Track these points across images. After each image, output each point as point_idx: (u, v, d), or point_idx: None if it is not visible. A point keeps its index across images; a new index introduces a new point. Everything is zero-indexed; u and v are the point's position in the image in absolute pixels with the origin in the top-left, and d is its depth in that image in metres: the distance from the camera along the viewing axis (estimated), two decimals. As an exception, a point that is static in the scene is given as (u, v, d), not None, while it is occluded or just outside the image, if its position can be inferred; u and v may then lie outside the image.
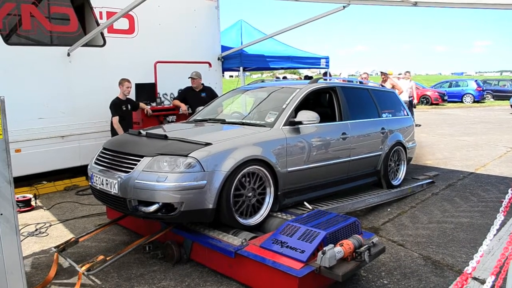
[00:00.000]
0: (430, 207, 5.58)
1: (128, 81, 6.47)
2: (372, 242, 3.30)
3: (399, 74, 12.32)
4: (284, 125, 4.44)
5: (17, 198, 5.39)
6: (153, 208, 3.53)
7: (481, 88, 26.55)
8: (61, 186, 6.76)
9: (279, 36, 10.21)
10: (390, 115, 6.13)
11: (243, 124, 4.71)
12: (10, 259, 2.47)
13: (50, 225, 5.02)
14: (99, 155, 4.31)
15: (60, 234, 4.75)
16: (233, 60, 9.59)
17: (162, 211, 3.56)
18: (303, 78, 15.86)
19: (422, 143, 10.32)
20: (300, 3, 9.26)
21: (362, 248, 3.13)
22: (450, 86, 27.57)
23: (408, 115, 6.69)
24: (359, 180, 5.50)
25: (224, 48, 9.36)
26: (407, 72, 12.38)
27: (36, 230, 4.85)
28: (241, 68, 10.04)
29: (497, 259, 2.04)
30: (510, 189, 2.47)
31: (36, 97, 6.40)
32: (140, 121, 7.03)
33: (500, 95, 27.77)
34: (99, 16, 7.15)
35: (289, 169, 4.31)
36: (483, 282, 3.36)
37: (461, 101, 26.18)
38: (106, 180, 3.85)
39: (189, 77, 7.22)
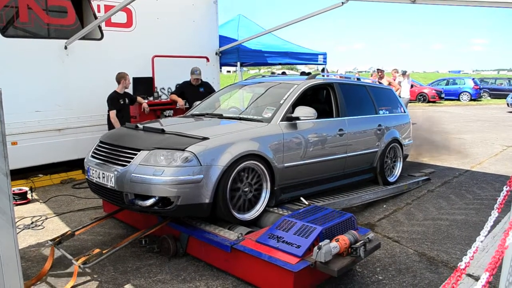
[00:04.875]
0: (426, 204, 5.61)
1: (127, 75, 6.48)
2: (368, 238, 3.32)
3: (403, 72, 12.21)
4: (282, 120, 4.44)
5: (13, 191, 5.37)
6: (149, 202, 3.54)
7: (478, 87, 26.62)
8: (57, 179, 6.74)
9: (277, 32, 10.21)
10: (387, 112, 6.15)
11: (240, 119, 4.70)
12: (6, 252, 2.47)
13: (46, 218, 5.02)
14: (95, 149, 4.30)
15: (56, 227, 4.75)
16: (231, 55, 9.56)
17: (159, 205, 3.57)
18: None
19: (419, 140, 10.34)
20: (299, -1, 9.24)
21: (358, 244, 3.15)
22: (447, 84, 27.61)
23: (405, 112, 6.70)
24: (356, 176, 5.52)
25: (222, 43, 9.33)
26: (394, 69, 12.39)
27: (32, 223, 4.84)
28: (238, 63, 10.02)
29: (492, 256, 2.05)
30: (505, 186, 2.49)
31: (33, 90, 6.37)
32: (137, 115, 7.02)
33: (497, 93, 27.88)
34: (97, 9, 7.12)
35: (285, 165, 4.32)
36: (477, 278, 3.39)
37: (458, 99, 26.25)
38: (103, 173, 3.84)
39: (195, 77, 7.16)
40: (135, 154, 3.73)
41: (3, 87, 2.63)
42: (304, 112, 4.45)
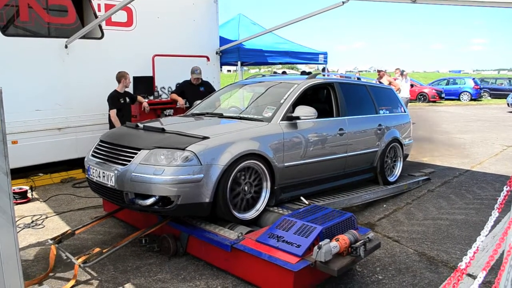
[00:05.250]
0: (426, 204, 5.61)
1: (128, 74, 6.48)
2: (368, 237, 3.32)
3: (401, 72, 12.22)
4: (282, 120, 4.44)
5: (14, 189, 5.37)
6: (149, 201, 3.54)
7: (478, 86, 26.60)
8: (57, 178, 6.75)
9: (277, 31, 10.20)
10: (387, 112, 6.14)
11: (240, 118, 4.71)
12: (7, 251, 2.47)
13: (46, 217, 5.02)
14: (96, 148, 4.30)
15: (57, 226, 4.75)
16: (231, 54, 9.55)
17: (159, 204, 3.57)
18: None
19: (419, 140, 10.34)
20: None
21: (358, 243, 3.15)
22: (447, 84, 27.59)
23: (405, 112, 6.70)
24: (356, 176, 5.52)
25: (222, 43, 9.33)
26: (397, 69, 12.41)
27: (32, 222, 4.85)
28: (239, 63, 10.01)
29: (489, 255, 2.06)
30: (505, 186, 2.49)
31: (34, 88, 6.37)
32: (137, 114, 7.02)
33: (497, 93, 27.86)
34: (97, 8, 7.12)
35: (286, 164, 4.32)
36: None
37: (458, 99, 26.24)
38: (103, 172, 3.84)
39: (195, 77, 7.15)
40: (136, 153, 3.73)
41: (3, 86, 2.63)
42: (305, 111, 4.45)
